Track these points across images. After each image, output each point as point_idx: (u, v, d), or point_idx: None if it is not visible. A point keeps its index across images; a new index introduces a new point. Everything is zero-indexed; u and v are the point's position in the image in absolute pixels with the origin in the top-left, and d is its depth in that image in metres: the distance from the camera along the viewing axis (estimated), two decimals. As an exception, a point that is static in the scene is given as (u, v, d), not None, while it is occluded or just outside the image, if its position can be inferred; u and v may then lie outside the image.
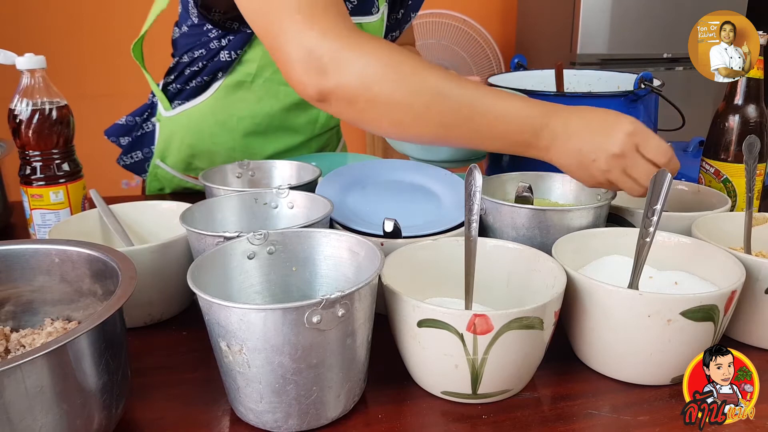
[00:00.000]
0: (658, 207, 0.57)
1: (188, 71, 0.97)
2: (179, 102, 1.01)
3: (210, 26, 0.92)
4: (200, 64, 0.95)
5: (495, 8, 2.79)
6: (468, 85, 0.67)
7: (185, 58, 0.97)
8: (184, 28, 0.96)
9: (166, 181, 1.08)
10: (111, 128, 1.06)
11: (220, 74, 0.96)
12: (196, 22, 0.93)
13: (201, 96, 0.99)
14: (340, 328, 0.48)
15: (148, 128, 1.06)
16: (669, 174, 0.57)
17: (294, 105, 1.00)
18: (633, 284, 0.58)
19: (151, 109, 1.06)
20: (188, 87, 0.99)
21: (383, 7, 0.98)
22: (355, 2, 0.92)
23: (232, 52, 0.93)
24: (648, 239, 0.57)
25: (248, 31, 0.91)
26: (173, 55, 1.01)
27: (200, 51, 0.95)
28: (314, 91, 0.66)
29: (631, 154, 0.66)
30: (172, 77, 1.00)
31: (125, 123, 1.06)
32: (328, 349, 0.48)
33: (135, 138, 1.06)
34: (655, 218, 0.57)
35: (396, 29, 1.06)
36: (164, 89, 1.02)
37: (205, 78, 0.96)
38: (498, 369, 0.51)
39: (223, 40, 0.93)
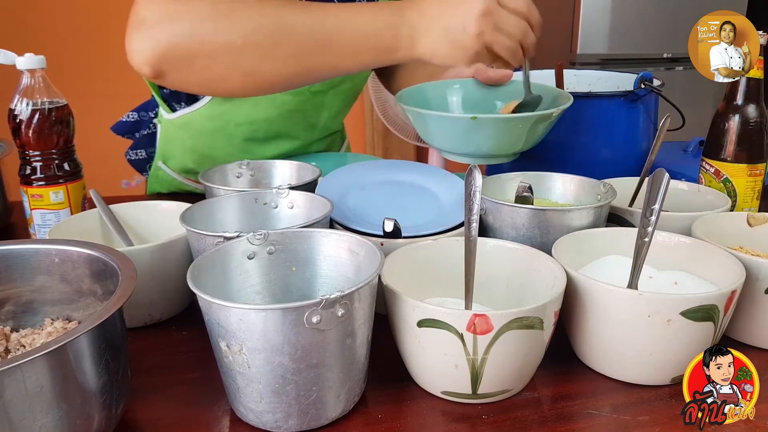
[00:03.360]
0: (657, 207, 0.57)
1: None
2: (179, 105, 1.01)
3: None
4: None
5: (495, 8, 2.78)
6: (310, 7, 0.63)
7: None
8: None
9: (166, 183, 1.08)
10: (117, 125, 1.06)
11: None
12: None
13: (199, 102, 0.98)
14: (340, 328, 0.48)
15: (153, 128, 1.06)
16: (666, 174, 0.57)
17: (291, 111, 1.00)
18: (632, 284, 0.58)
19: (157, 107, 1.06)
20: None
21: None
22: None
23: None
24: (647, 239, 0.57)
25: None
26: None
27: None
28: (146, 61, 0.60)
29: (495, 9, 0.64)
30: None
31: (138, 119, 1.06)
32: (327, 349, 0.48)
33: (141, 136, 1.06)
34: (653, 218, 0.57)
35: None
36: (162, 87, 1.02)
37: None
38: (498, 369, 0.51)
39: None
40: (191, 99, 0.99)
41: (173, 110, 1.01)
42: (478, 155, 0.78)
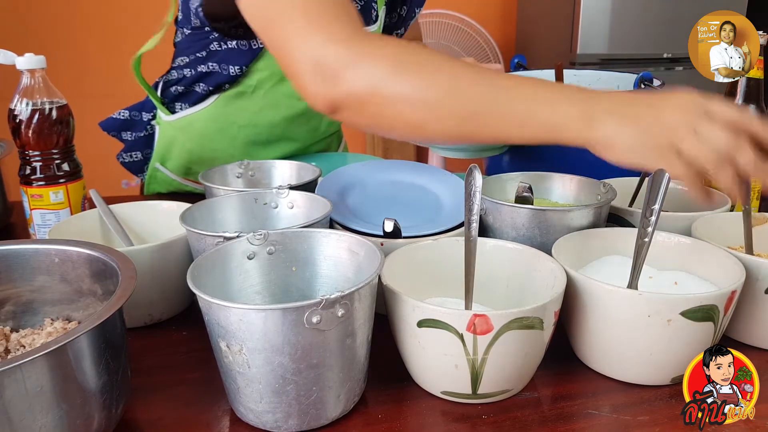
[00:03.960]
0: (656, 207, 0.57)
1: (190, 73, 0.97)
2: (181, 106, 1.00)
3: (210, 29, 0.92)
4: (202, 67, 0.95)
5: (495, 8, 2.79)
6: (483, 72, 0.62)
7: (186, 60, 0.97)
8: (186, 31, 0.96)
9: (165, 183, 1.07)
10: (107, 121, 1.06)
11: (226, 86, 0.96)
12: (198, 24, 0.93)
13: (202, 104, 0.98)
14: (340, 328, 0.48)
15: (150, 130, 1.06)
16: (667, 174, 0.57)
17: (296, 116, 1.00)
18: (632, 284, 0.58)
19: (155, 108, 1.06)
20: (190, 90, 0.98)
21: (381, 12, 0.98)
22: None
23: (243, 67, 0.93)
24: (646, 239, 0.57)
25: (254, 44, 0.91)
26: (175, 56, 1.01)
27: (201, 53, 0.95)
28: (324, 102, 0.63)
29: (698, 106, 0.57)
30: (174, 78, 1.00)
31: (129, 118, 1.06)
32: (328, 349, 0.48)
33: (137, 138, 1.06)
34: (653, 218, 0.57)
35: (401, 27, 1.06)
36: (165, 89, 1.02)
37: (210, 88, 0.96)
38: (498, 369, 0.51)
39: (223, 43, 0.93)
40: (194, 100, 0.99)
41: (173, 112, 1.01)
42: (472, 149, 0.79)
